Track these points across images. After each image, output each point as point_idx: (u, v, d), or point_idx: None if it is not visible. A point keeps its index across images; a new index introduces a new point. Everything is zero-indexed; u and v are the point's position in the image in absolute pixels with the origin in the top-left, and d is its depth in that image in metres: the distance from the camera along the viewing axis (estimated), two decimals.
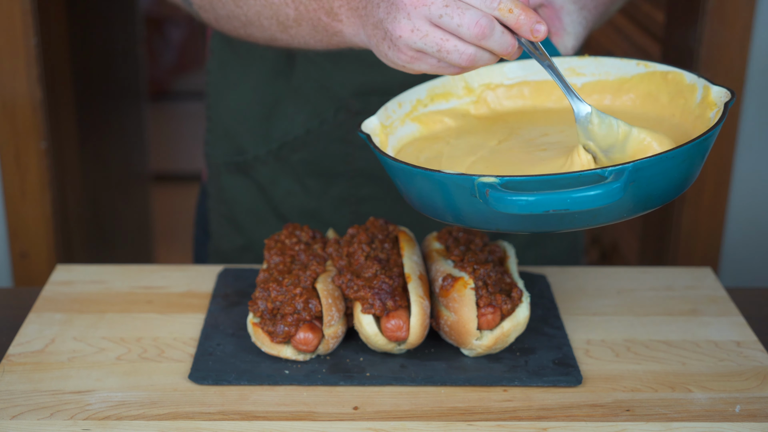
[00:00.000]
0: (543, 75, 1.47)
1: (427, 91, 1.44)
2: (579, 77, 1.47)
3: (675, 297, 1.58)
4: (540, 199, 1.08)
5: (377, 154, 1.25)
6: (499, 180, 1.11)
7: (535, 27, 1.17)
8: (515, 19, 1.17)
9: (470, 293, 1.35)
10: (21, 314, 1.51)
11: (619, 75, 1.45)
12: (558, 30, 1.50)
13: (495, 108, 1.48)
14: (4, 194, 2.16)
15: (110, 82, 3.46)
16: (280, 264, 1.44)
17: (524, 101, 1.48)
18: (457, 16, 1.16)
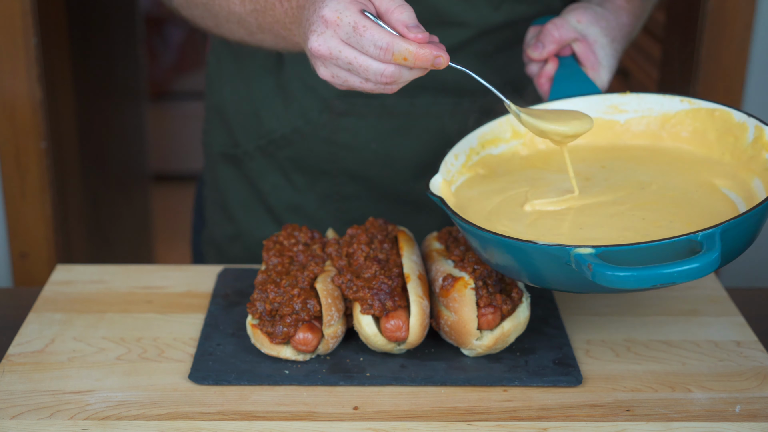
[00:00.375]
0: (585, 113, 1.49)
1: (478, 139, 1.46)
2: (622, 114, 1.49)
3: (675, 297, 1.58)
4: (646, 275, 1.09)
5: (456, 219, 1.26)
6: (596, 250, 1.12)
7: (435, 62, 1.22)
8: (413, 65, 1.22)
9: (470, 293, 1.35)
10: (21, 314, 1.51)
11: (662, 111, 1.47)
12: (594, 64, 1.53)
13: (542, 148, 1.49)
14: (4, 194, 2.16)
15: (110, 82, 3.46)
16: (278, 265, 1.44)
17: None
18: (362, 72, 1.22)
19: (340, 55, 1.22)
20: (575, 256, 1.13)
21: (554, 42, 1.52)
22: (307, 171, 1.81)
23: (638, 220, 1.27)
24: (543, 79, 1.55)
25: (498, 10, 1.67)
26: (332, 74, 1.25)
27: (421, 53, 1.21)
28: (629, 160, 1.44)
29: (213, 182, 1.95)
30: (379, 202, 1.81)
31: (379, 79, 1.23)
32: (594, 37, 1.52)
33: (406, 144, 1.75)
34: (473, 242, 1.28)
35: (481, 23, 1.67)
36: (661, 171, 1.40)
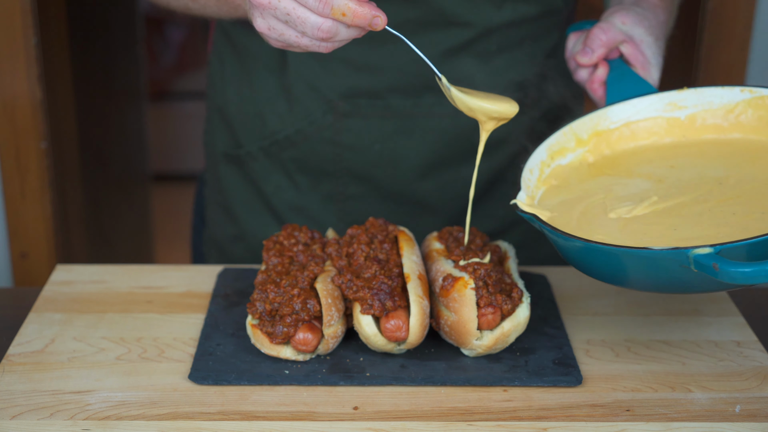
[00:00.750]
0: (647, 114, 1.50)
1: (547, 151, 1.47)
2: (681, 110, 1.49)
3: (675, 297, 1.58)
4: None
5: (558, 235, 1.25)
6: (715, 249, 1.12)
7: (373, 22, 1.23)
8: (350, 21, 1.22)
9: (470, 293, 1.35)
10: (21, 314, 1.51)
11: (722, 103, 1.47)
12: (644, 64, 1.54)
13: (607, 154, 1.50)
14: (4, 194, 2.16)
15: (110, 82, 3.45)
16: (278, 265, 1.44)
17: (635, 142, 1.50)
18: (300, 24, 1.23)
19: (279, 4, 1.22)
20: (695, 257, 1.13)
21: (603, 45, 1.53)
22: (310, 172, 1.81)
23: (729, 216, 1.27)
24: (595, 84, 1.56)
25: (501, 9, 1.67)
26: (269, 26, 1.25)
27: (360, 10, 1.21)
28: (697, 157, 1.44)
29: (215, 183, 1.95)
30: (383, 202, 1.81)
31: (316, 33, 1.23)
32: (640, 37, 1.54)
33: (410, 144, 1.75)
34: (574, 255, 1.28)
35: (484, 23, 1.67)
36: (733, 164, 1.40)
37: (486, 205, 1.83)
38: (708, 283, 1.17)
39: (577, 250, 1.25)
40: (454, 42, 1.68)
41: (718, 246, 1.13)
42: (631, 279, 1.24)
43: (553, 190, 1.43)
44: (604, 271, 1.26)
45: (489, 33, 1.69)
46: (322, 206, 1.83)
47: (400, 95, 1.71)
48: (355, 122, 1.74)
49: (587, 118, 1.49)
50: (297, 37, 1.25)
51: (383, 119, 1.74)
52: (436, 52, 1.68)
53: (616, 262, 1.22)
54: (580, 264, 1.29)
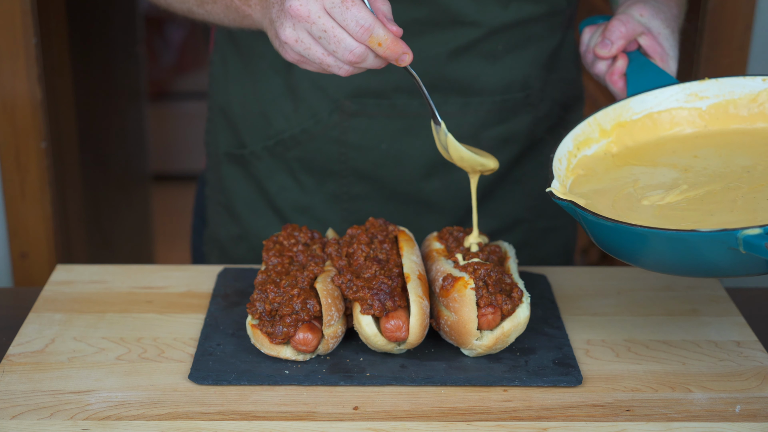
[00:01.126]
0: (668, 104, 1.50)
1: (573, 141, 1.47)
2: (703, 100, 1.50)
3: (675, 297, 1.58)
4: None
5: (601, 220, 1.25)
6: (764, 230, 1.12)
7: (401, 58, 1.29)
8: (383, 52, 1.28)
9: (471, 293, 1.35)
10: (21, 314, 1.51)
11: (744, 93, 1.48)
12: (662, 56, 1.56)
13: (630, 145, 1.50)
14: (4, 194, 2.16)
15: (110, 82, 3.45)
16: (278, 265, 1.44)
17: (657, 133, 1.51)
18: (334, 43, 1.26)
19: (318, 21, 1.24)
20: (744, 238, 1.13)
21: (622, 37, 1.53)
22: (315, 171, 1.80)
23: (764, 201, 1.27)
24: (615, 76, 1.56)
25: (507, 9, 1.68)
26: (297, 38, 1.27)
27: (394, 45, 1.27)
28: (721, 147, 1.45)
29: (217, 182, 1.94)
30: (388, 202, 1.81)
31: (347, 56, 1.26)
32: (657, 29, 1.55)
33: (416, 144, 1.75)
34: (614, 241, 1.27)
35: (490, 23, 1.68)
36: (760, 152, 1.40)
37: (487, 204, 1.83)
38: (753, 265, 1.17)
39: (617, 236, 1.25)
40: (461, 42, 1.68)
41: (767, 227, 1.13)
42: (672, 263, 1.24)
43: (581, 180, 1.43)
44: (644, 257, 1.25)
45: (495, 32, 1.69)
46: (326, 206, 1.82)
47: (406, 95, 1.71)
48: (361, 122, 1.74)
49: (610, 109, 1.50)
50: (323, 54, 1.28)
51: (389, 119, 1.74)
52: (442, 51, 1.68)
53: (659, 247, 1.22)
54: (619, 250, 1.28)
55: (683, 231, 1.18)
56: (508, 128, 1.78)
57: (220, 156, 1.90)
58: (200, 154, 2.06)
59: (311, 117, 1.75)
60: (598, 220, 1.25)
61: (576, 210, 1.29)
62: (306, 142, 1.77)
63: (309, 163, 1.80)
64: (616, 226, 1.23)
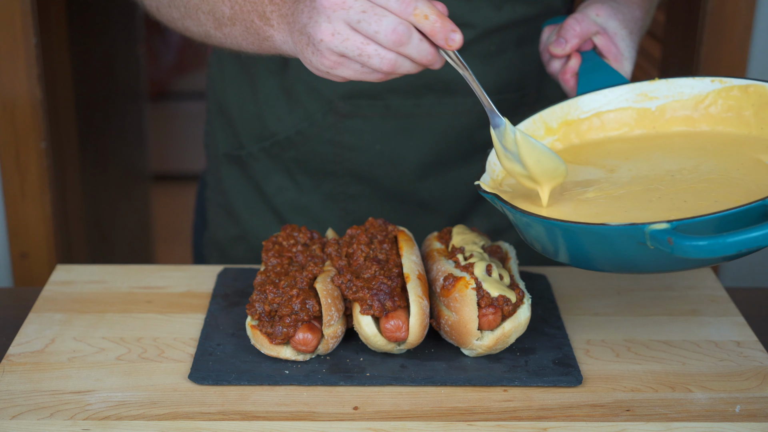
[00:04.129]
0: (617, 104, 1.49)
1: None
2: (652, 101, 1.48)
3: (675, 297, 1.58)
4: (731, 242, 1.08)
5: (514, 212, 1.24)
6: (671, 225, 1.11)
7: (450, 36, 1.19)
8: (431, 26, 1.18)
9: (471, 293, 1.35)
10: (21, 314, 1.51)
11: (693, 94, 1.46)
12: (616, 56, 1.54)
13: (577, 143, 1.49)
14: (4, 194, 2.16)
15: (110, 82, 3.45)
16: (277, 266, 1.44)
17: (604, 133, 1.50)
18: (375, 22, 1.17)
19: (355, 4, 1.17)
20: (651, 232, 1.12)
21: (576, 36, 1.52)
22: (311, 172, 1.81)
23: (681, 202, 1.26)
24: (568, 75, 1.55)
25: (500, 10, 1.67)
26: (334, 30, 1.19)
27: (444, 20, 1.18)
28: (662, 149, 1.44)
29: (216, 183, 1.95)
30: (384, 202, 1.81)
31: (390, 36, 1.17)
32: (614, 29, 1.53)
33: (411, 145, 1.75)
34: (534, 234, 1.26)
35: (484, 24, 1.67)
36: (695, 156, 1.39)
37: (484, 204, 1.83)
38: (665, 261, 1.15)
39: (536, 230, 1.24)
40: None
41: (675, 222, 1.11)
42: (589, 257, 1.22)
43: None
44: (563, 251, 1.24)
45: (489, 34, 1.69)
46: (323, 206, 1.83)
47: (400, 96, 1.71)
48: (355, 123, 1.74)
49: (557, 107, 1.49)
50: (363, 43, 1.19)
51: (383, 119, 1.74)
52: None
53: (574, 240, 1.20)
54: (541, 244, 1.27)
55: (593, 225, 1.17)
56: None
57: (219, 157, 1.91)
58: (200, 154, 2.06)
59: (306, 118, 1.76)
60: (517, 213, 1.24)
61: (498, 203, 1.27)
62: (301, 144, 1.78)
63: (305, 164, 1.80)
64: (532, 219, 1.22)
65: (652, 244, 1.12)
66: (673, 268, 1.21)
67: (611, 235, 1.16)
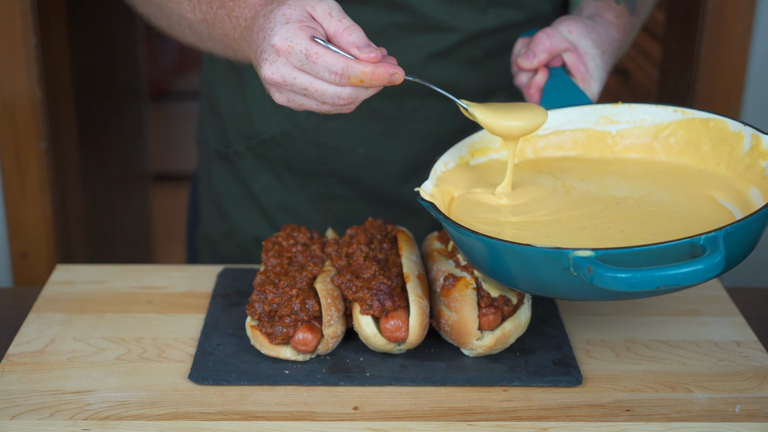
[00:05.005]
0: (578, 124, 1.47)
1: (467, 147, 1.45)
2: (614, 125, 1.46)
3: (675, 297, 1.58)
4: (650, 276, 1.06)
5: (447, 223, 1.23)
6: (596, 253, 1.10)
7: (391, 78, 1.23)
8: (369, 85, 1.22)
9: (472, 293, 1.35)
10: (21, 314, 1.51)
11: (654, 122, 1.44)
12: (584, 76, 1.51)
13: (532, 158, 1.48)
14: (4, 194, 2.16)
15: (110, 82, 3.46)
16: (277, 266, 1.44)
17: (563, 151, 1.48)
18: (319, 96, 1.22)
19: (295, 81, 1.22)
20: (574, 258, 1.10)
21: (545, 51, 1.49)
22: (297, 172, 1.81)
23: (616, 232, 1.24)
24: (533, 90, 1.52)
25: (485, 14, 1.66)
26: (288, 99, 1.25)
27: (377, 72, 1.22)
28: (611, 174, 1.42)
29: (207, 179, 1.96)
30: (368, 203, 1.81)
31: (336, 101, 1.23)
32: (585, 48, 1.50)
33: (394, 147, 1.75)
34: (464, 247, 1.26)
35: (468, 28, 1.67)
36: (645, 185, 1.38)
37: None
38: (587, 289, 1.14)
39: (467, 244, 1.23)
40: (438, 47, 1.67)
41: (600, 251, 1.10)
42: (513, 277, 1.21)
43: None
44: (491, 267, 1.23)
45: (474, 38, 1.68)
46: (309, 206, 1.83)
47: (384, 98, 1.70)
48: (339, 125, 1.74)
49: None
50: (318, 105, 1.25)
51: (367, 122, 1.74)
52: (419, 56, 1.67)
53: (502, 258, 1.19)
54: (471, 258, 1.26)
55: (519, 244, 1.15)
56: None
57: (210, 153, 1.92)
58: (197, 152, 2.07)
59: (290, 119, 1.76)
60: (450, 225, 1.23)
61: (434, 212, 1.26)
62: (286, 144, 1.78)
63: (290, 164, 1.81)
64: (462, 232, 1.21)
65: (575, 270, 1.10)
66: (596, 297, 1.19)
67: (536, 256, 1.15)
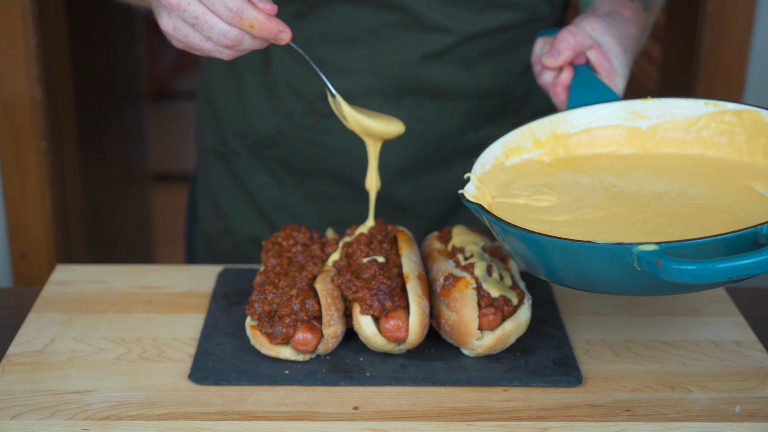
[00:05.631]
0: (608, 121, 1.46)
1: (501, 148, 1.44)
2: (644, 120, 1.45)
3: (675, 297, 1.58)
4: (722, 268, 1.05)
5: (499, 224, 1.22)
6: (659, 247, 1.09)
7: (278, 36, 1.27)
8: (257, 33, 1.26)
9: (472, 293, 1.35)
10: (21, 314, 1.51)
11: (685, 115, 1.44)
12: (609, 72, 1.51)
13: (564, 157, 1.47)
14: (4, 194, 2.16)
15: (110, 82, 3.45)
16: (277, 266, 1.44)
17: (594, 149, 1.47)
18: (207, 29, 1.25)
19: (189, 7, 1.24)
20: (638, 253, 1.09)
21: (570, 49, 1.49)
22: (292, 170, 1.81)
23: (666, 226, 1.23)
24: (558, 88, 1.52)
25: (480, 15, 1.66)
26: (174, 26, 1.27)
27: (268, 24, 1.25)
28: (645, 170, 1.42)
29: (205, 178, 1.96)
30: (364, 202, 1.81)
31: (221, 40, 1.25)
32: (608, 45, 1.51)
33: (389, 148, 1.75)
34: (517, 247, 1.24)
35: (463, 29, 1.66)
36: (683, 180, 1.37)
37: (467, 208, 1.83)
38: (650, 284, 1.13)
39: (520, 243, 1.22)
40: (433, 48, 1.67)
41: (664, 244, 1.09)
42: (569, 275, 1.20)
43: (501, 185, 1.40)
44: (545, 267, 1.22)
45: (469, 39, 1.68)
46: (305, 204, 1.83)
47: (380, 98, 1.70)
48: (335, 124, 1.74)
49: (546, 120, 1.46)
50: (201, 40, 1.27)
51: None
52: (414, 57, 1.67)
53: (557, 257, 1.18)
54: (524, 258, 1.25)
55: (579, 242, 1.14)
56: (486, 134, 1.76)
57: (208, 152, 1.92)
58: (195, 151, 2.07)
59: (286, 118, 1.76)
60: (501, 226, 1.22)
61: (483, 214, 1.25)
62: (282, 143, 1.78)
63: (286, 163, 1.81)
64: (517, 232, 1.20)
65: (639, 265, 1.10)
66: (657, 292, 1.19)
67: (597, 253, 1.14)
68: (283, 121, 1.77)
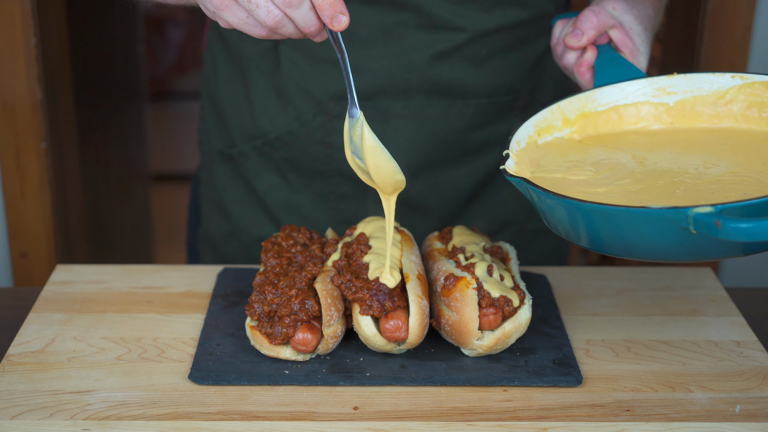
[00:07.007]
0: (635, 98, 1.47)
1: (534, 127, 1.44)
2: (671, 96, 1.46)
3: (675, 297, 1.58)
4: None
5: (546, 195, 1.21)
6: (715, 208, 1.09)
7: (337, 16, 1.20)
8: (321, 2, 1.18)
9: (472, 293, 1.35)
10: (21, 314, 1.51)
11: (712, 89, 1.44)
12: (633, 51, 1.52)
13: (594, 135, 1.47)
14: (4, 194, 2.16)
15: (110, 82, 3.46)
16: (276, 267, 1.44)
17: (622, 126, 1.48)
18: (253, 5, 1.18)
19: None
20: (695, 216, 1.09)
21: (593, 28, 1.50)
22: (302, 171, 1.81)
23: (708, 194, 1.23)
24: (583, 68, 1.53)
25: (489, 14, 1.67)
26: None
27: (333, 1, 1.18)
28: (677, 144, 1.42)
29: (210, 180, 1.95)
30: (374, 202, 1.81)
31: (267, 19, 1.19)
32: (630, 24, 1.52)
33: (400, 146, 1.75)
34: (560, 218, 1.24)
35: (474, 28, 1.67)
36: (717, 153, 1.37)
37: (476, 206, 1.84)
38: (705, 246, 1.13)
39: (566, 214, 1.22)
40: (444, 46, 1.67)
41: (719, 206, 1.09)
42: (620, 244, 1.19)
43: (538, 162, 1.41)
44: (594, 237, 1.21)
45: (479, 37, 1.69)
46: (314, 205, 1.83)
47: (390, 97, 1.71)
48: None
49: (575, 99, 1.47)
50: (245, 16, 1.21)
51: (372, 121, 1.73)
52: (425, 55, 1.67)
53: (607, 225, 1.18)
54: (569, 230, 1.25)
55: (633, 207, 1.14)
56: (494, 131, 1.77)
57: (213, 154, 1.92)
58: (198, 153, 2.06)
59: (296, 118, 1.76)
60: (548, 196, 1.22)
61: (527, 187, 1.25)
62: (292, 144, 1.78)
63: (296, 163, 1.80)
64: (566, 202, 1.20)
65: (695, 228, 1.10)
66: (708, 256, 1.18)
67: (651, 218, 1.13)
68: (294, 122, 1.77)
